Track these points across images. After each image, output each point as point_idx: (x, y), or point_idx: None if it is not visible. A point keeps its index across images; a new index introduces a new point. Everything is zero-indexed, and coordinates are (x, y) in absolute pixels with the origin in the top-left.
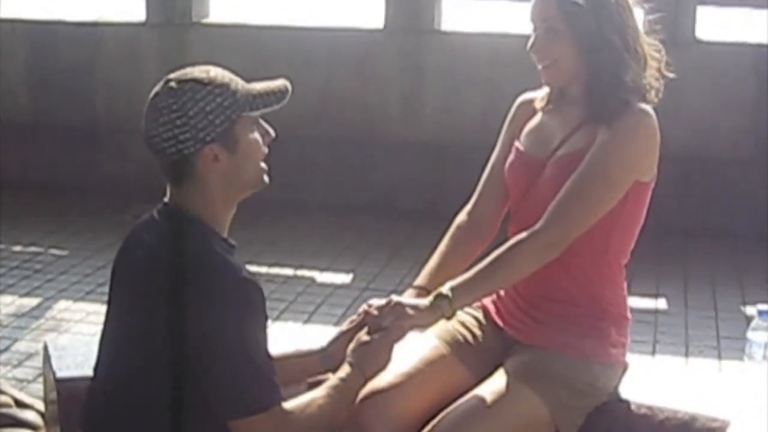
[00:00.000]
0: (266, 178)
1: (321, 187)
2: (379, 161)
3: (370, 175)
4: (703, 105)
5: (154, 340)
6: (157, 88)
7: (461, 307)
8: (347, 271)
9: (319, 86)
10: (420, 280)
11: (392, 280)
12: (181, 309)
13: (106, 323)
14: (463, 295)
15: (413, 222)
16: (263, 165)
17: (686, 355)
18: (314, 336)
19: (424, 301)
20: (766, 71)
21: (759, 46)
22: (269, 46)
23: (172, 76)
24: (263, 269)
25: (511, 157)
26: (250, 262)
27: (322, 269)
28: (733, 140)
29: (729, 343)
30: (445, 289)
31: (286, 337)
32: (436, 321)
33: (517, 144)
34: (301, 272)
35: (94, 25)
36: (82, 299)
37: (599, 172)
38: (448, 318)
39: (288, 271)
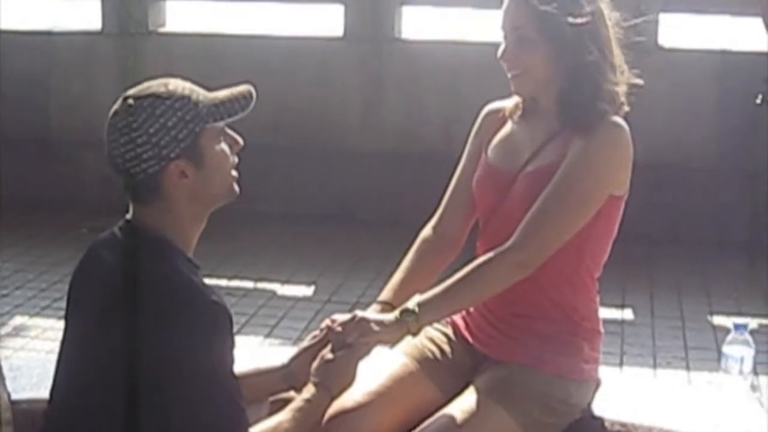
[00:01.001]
0: (236, 188)
1: (280, 197)
2: (338, 171)
3: (329, 184)
4: (666, 112)
5: (117, 364)
6: (115, 107)
7: (428, 324)
8: (308, 284)
9: (277, 95)
10: (384, 295)
11: (354, 291)
12: (147, 333)
13: (63, 344)
14: (430, 312)
15: (374, 232)
16: (233, 173)
17: (654, 366)
18: (276, 350)
19: (390, 317)
20: (729, 78)
21: (723, 52)
22: (227, 55)
23: (129, 92)
24: (222, 282)
25: (479, 170)
26: (209, 276)
27: (283, 282)
28: (697, 148)
29: (697, 353)
30: (411, 304)
31: (248, 351)
32: (402, 337)
33: (484, 157)
34: (261, 285)
35: (49, 34)
36: (38, 314)
37: (573, 188)
38: (414, 334)
39: (248, 284)
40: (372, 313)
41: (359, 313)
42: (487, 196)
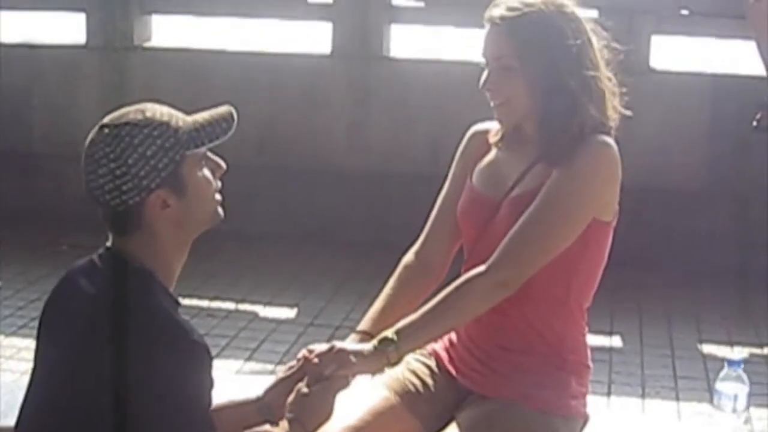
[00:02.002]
0: (221, 212)
1: (263, 217)
2: (323, 190)
3: (314, 204)
4: (657, 135)
5: (92, 398)
6: (92, 135)
7: (408, 352)
8: (291, 306)
9: (263, 112)
10: (364, 324)
11: (338, 315)
12: (128, 368)
13: (33, 374)
14: (410, 339)
15: (359, 253)
16: (217, 197)
17: (643, 396)
18: (254, 378)
19: (369, 346)
20: (721, 102)
21: (714, 76)
22: (213, 71)
23: (106, 120)
24: (203, 303)
25: (464, 196)
26: (190, 296)
27: (265, 303)
28: (687, 172)
29: (686, 383)
30: (390, 332)
31: (224, 378)
32: (381, 368)
33: (470, 182)
34: (242, 307)
35: (32, 47)
36: (13, 334)
37: (554, 206)
38: (394, 364)
39: (229, 306)
40: (350, 343)
41: (337, 343)
42: (472, 222)
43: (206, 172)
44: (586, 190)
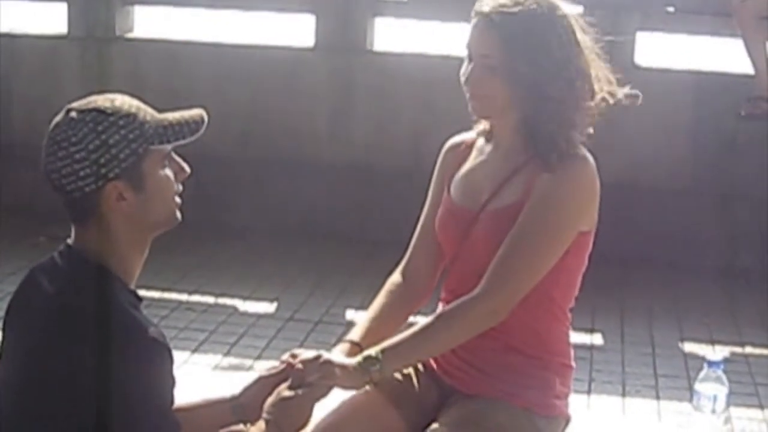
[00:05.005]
0: (179, 215)
1: (243, 210)
2: (305, 184)
3: (295, 198)
4: (641, 132)
5: (52, 395)
6: (57, 119)
7: (392, 372)
8: (271, 300)
9: (244, 104)
10: (353, 334)
11: (317, 309)
12: (85, 366)
13: None
14: (395, 360)
15: (340, 247)
16: (177, 200)
17: (623, 394)
18: (230, 376)
19: (353, 362)
20: (706, 99)
21: (699, 73)
22: (194, 63)
23: (73, 105)
24: (183, 297)
25: (442, 208)
26: (169, 290)
27: (245, 297)
28: (671, 169)
29: (667, 382)
30: (374, 351)
31: (206, 370)
32: (363, 385)
33: (447, 194)
34: (222, 300)
35: (11, 36)
36: None
37: (540, 231)
38: (377, 384)
39: (209, 299)
40: (337, 354)
41: (324, 354)
42: (449, 236)
43: (168, 171)
44: (571, 213)
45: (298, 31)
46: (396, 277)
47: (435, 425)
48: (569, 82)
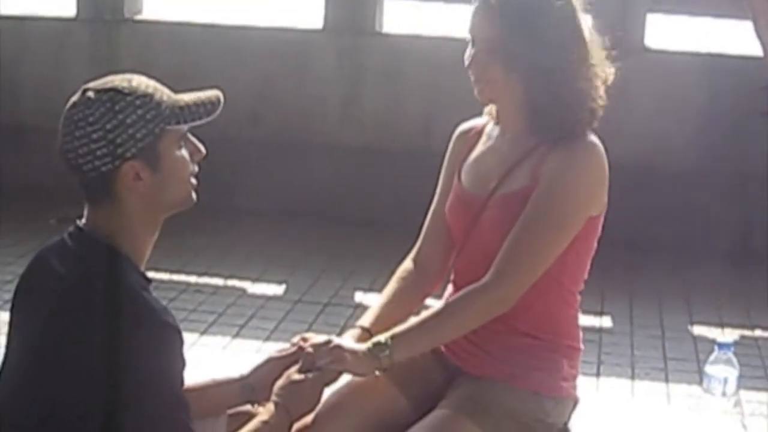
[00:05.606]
0: (194, 196)
1: (253, 192)
2: (315, 165)
3: (305, 180)
4: (651, 115)
5: (62, 377)
6: (74, 98)
7: (401, 359)
8: (279, 282)
9: (254, 87)
10: (365, 320)
11: (326, 291)
12: (95, 348)
13: (6, 353)
14: (404, 347)
15: (349, 229)
16: (192, 181)
17: (632, 377)
18: (240, 357)
19: (363, 348)
20: (717, 81)
21: (710, 55)
22: (203, 45)
23: (90, 84)
24: (191, 279)
25: (452, 194)
26: (178, 272)
27: (254, 279)
28: (681, 151)
29: (676, 365)
30: (384, 337)
31: (215, 351)
32: (372, 372)
33: (457, 181)
34: (231, 282)
35: (21, 19)
36: (0, 308)
37: (549, 218)
38: (386, 370)
39: (217, 281)
40: (348, 339)
41: (335, 339)
42: (459, 222)
43: (184, 152)
44: (581, 199)
45: (307, 12)
46: (407, 263)
47: (439, 406)
48: (569, 63)
